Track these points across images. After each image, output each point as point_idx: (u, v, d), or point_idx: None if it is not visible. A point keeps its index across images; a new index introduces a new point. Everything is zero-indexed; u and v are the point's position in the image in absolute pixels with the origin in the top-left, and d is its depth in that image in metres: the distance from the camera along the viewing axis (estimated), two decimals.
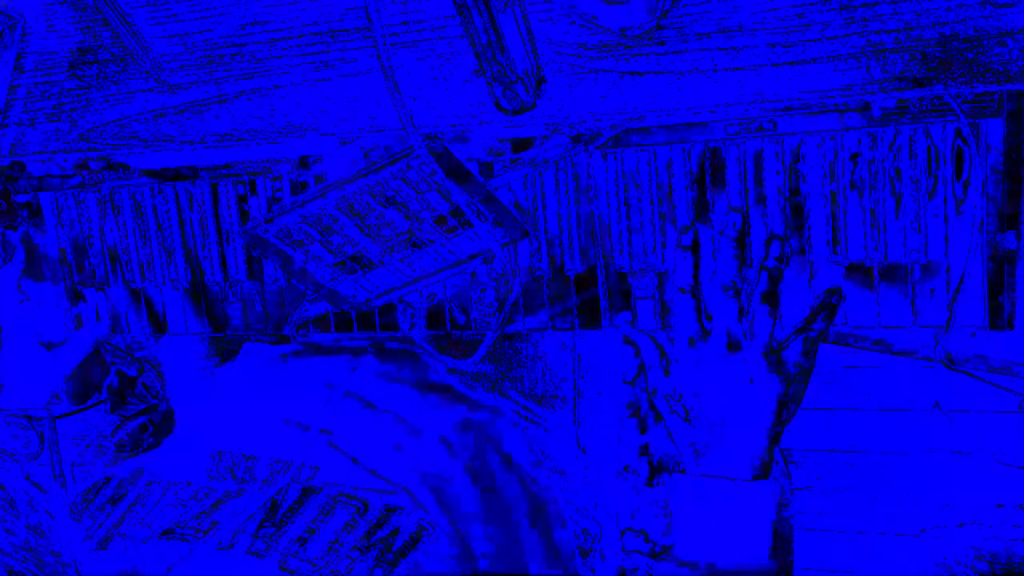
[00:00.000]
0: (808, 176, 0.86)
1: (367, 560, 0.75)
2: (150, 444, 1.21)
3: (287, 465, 0.85)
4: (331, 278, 0.98)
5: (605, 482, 1.02)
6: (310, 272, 0.98)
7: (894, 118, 0.83)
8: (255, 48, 0.89)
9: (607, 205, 0.92)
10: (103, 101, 0.94)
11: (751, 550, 0.80)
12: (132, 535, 0.80)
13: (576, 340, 1.02)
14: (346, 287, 0.99)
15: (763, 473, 0.82)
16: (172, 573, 0.76)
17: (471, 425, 0.99)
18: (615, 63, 0.82)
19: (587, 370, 1.02)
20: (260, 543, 0.76)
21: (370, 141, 0.92)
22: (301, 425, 0.91)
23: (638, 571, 0.84)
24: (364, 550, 0.76)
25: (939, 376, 0.95)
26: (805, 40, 0.77)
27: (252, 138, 0.92)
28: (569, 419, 1.04)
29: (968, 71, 0.74)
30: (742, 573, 0.79)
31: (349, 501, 0.81)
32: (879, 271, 0.87)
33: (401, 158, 0.86)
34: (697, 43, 0.79)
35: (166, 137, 0.94)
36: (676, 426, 0.85)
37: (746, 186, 0.88)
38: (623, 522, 0.87)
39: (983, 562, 1.01)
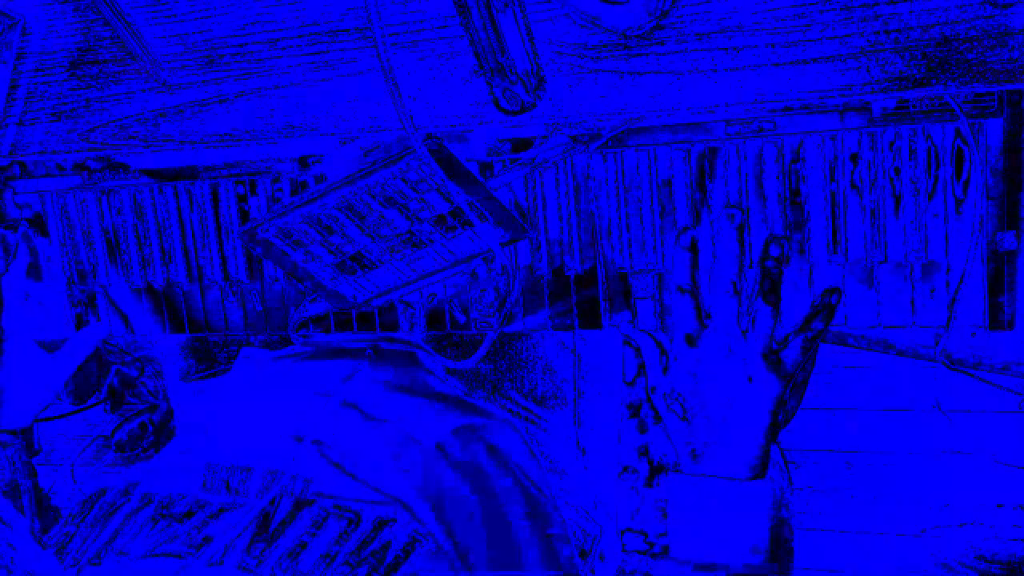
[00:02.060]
0: (808, 176, 0.86)
1: (358, 574, 0.75)
2: (150, 444, 1.21)
3: (280, 476, 0.84)
4: (331, 278, 0.98)
5: (605, 482, 1.02)
6: (310, 272, 0.98)
7: (894, 118, 0.83)
8: (255, 48, 0.89)
9: (607, 205, 0.92)
10: (103, 101, 0.94)
11: (748, 549, 0.80)
12: (126, 551, 0.80)
13: (576, 340, 1.02)
14: (346, 287, 0.99)
15: (761, 473, 0.82)
16: None
17: (469, 430, 0.99)
18: (615, 63, 0.82)
19: (587, 370, 1.03)
20: (251, 559, 0.76)
21: (370, 141, 0.92)
22: (296, 436, 0.91)
23: (637, 572, 0.83)
24: (355, 564, 0.76)
25: (939, 376, 0.95)
26: (805, 40, 0.77)
27: (252, 138, 0.92)
28: (569, 420, 1.04)
29: (968, 71, 0.74)
30: (739, 573, 0.79)
31: (342, 513, 0.80)
32: (879, 271, 0.87)
33: (401, 158, 0.86)
34: (697, 43, 0.79)
35: (166, 137, 0.94)
36: (674, 425, 0.85)
37: (746, 186, 0.88)
38: (623, 522, 0.87)
39: (983, 562, 1.01)
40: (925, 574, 1.02)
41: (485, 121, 0.86)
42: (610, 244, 0.93)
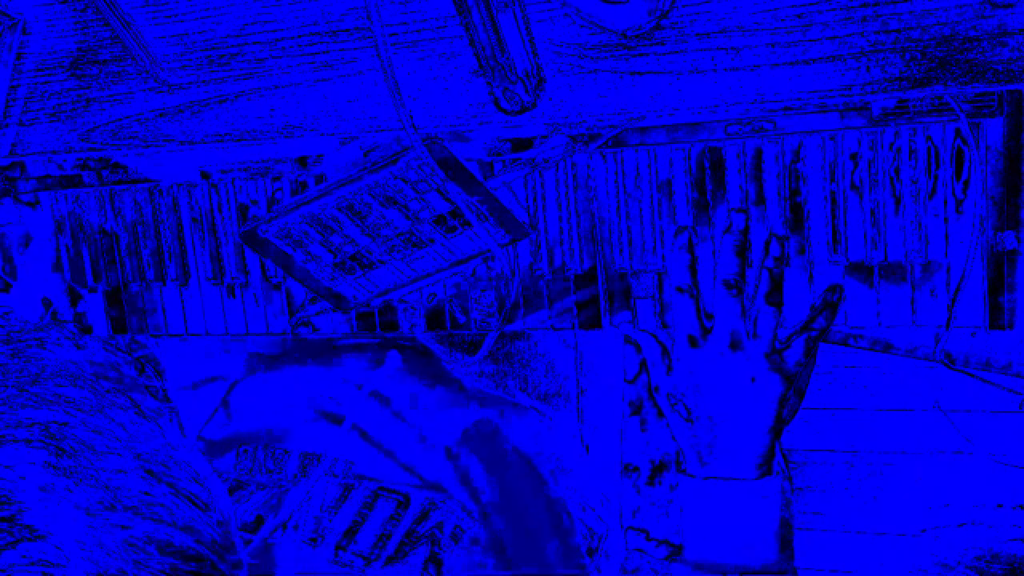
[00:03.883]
0: (808, 176, 0.86)
1: (418, 553, 0.75)
2: None
3: (323, 458, 0.85)
4: (331, 278, 0.98)
5: (609, 480, 1.03)
6: (310, 272, 0.98)
7: (894, 118, 0.83)
8: (255, 48, 0.89)
9: (607, 205, 0.92)
10: (103, 101, 0.94)
11: (758, 548, 0.80)
12: None
13: (578, 338, 1.02)
14: (346, 287, 0.99)
15: (766, 471, 0.82)
16: None
17: (491, 424, 0.99)
18: (615, 63, 0.82)
19: (590, 367, 1.03)
20: (313, 534, 0.77)
21: (370, 141, 0.92)
22: (332, 417, 0.91)
23: (639, 572, 0.84)
24: (413, 543, 0.76)
25: (939, 376, 0.95)
26: (805, 40, 0.77)
27: (252, 138, 0.92)
28: (573, 417, 1.04)
29: (968, 71, 0.74)
30: (750, 572, 0.79)
31: (390, 495, 0.81)
32: (879, 271, 0.87)
33: (401, 158, 0.86)
34: (697, 43, 0.79)
35: (166, 137, 0.94)
36: (678, 425, 0.85)
37: (746, 186, 0.88)
38: (626, 520, 0.87)
39: (983, 562, 1.01)
40: (925, 574, 1.02)
41: (485, 121, 0.86)
42: (610, 244, 0.93)
